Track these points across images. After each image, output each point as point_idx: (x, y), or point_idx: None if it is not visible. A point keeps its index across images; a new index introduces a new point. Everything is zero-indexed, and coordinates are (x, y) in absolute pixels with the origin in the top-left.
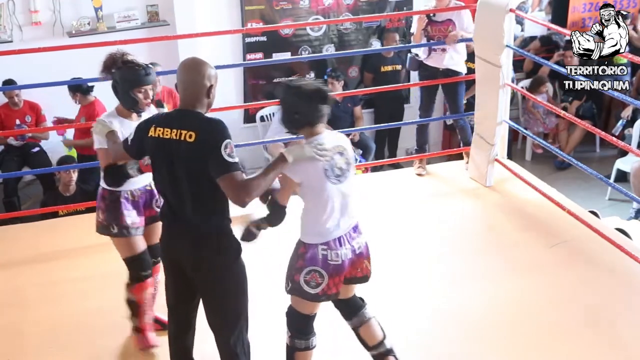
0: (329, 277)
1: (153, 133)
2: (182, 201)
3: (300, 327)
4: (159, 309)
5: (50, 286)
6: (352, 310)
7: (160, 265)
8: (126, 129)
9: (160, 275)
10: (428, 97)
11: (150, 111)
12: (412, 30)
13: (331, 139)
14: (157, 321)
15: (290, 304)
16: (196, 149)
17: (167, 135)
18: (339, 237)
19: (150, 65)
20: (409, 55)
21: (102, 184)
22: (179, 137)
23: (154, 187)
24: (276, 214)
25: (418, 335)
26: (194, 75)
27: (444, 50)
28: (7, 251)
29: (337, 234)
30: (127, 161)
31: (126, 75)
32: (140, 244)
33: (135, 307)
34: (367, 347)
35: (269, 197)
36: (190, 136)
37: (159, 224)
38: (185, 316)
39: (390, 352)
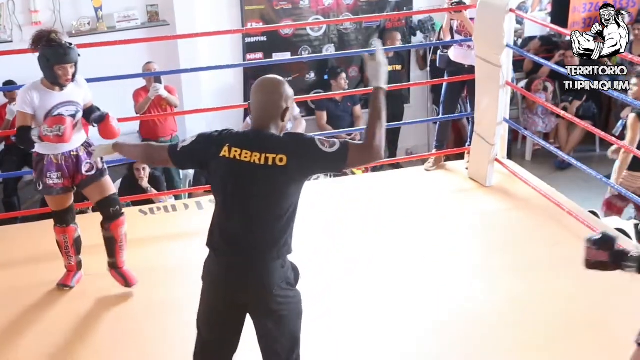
0: None
1: (227, 153)
2: (253, 229)
3: None
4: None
5: (50, 286)
6: None
7: (124, 219)
8: (48, 99)
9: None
10: (451, 94)
11: (80, 84)
12: (443, 24)
13: None
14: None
15: None
16: (291, 172)
17: (246, 158)
18: None
19: (71, 45)
20: (439, 53)
21: (35, 147)
22: (266, 161)
23: (80, 153)
24: None
25: (418, 334)
26: (271, 95)
27: (469, 47)
28: (7, 251)
29: None
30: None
31: (47, 53)
32: (63, 202)
33: (59, 246)
34: None
35: None
36: (282, 160)
37: (103, 181)
38: (229, 349)
39: None
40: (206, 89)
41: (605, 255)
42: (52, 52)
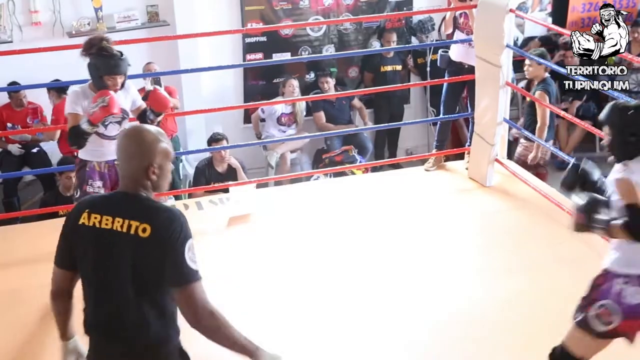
0: (622, 319)
1: (86, 220)
2: (120, 312)
3: None
4: None
5: (50, 287)
6: None
7: None
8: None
9: None
10: (452, 93)
11: (127, 89)
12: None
13: None
14: None
15: (562, 341)
16: (151, 247)
17: (107, 224)
18: None
19: (122, 55)
20: (440, 52)
21: (79, 152)
22: (128, 229)
23: None
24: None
25: (419, 334)
26: (131, 150)
27: (470, 44)
28: (7, 251)
29: None
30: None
31: (98, 62)
32: None
33: None
34: None
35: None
36: (144, 230)
37: None
38: None
39: None
40: (206, 89)
41: (583, 217)
42: (103, 63)
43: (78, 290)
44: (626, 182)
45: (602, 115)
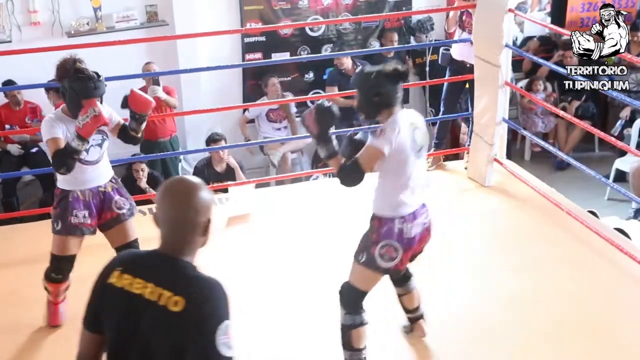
0: (403, 252)
1: (116, 281)
2: None
3: (356, 303)
4: None
5: None
6: (402, 279)
7: None
8: (73, 129)
9: None
10: (453, 92)
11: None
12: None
13: (407, 116)
14: None
15: (347, 281)
16: (181, 323)
17: (138, 289)
18: (413, 212)
19: (100, 77)
20: (441, 50)
21: (58, 183)
22: (159, 299)
23: (109, 189)
24: (351, 177)
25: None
26: (183, 211)
27: (472, 43)
28: (7, 251)
29: (412, 209)
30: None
31: (76, 86)
32: (73, 248)
33: (49, 292)
34: (405, 310)
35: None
36: (176, 303)
37: (130, 222)
38: None
39: (422, 316)
40: (205, 89)
41: (316, 129)
42: (83, 86)
43: None
44: (373, 149)
45: (352, 80)
